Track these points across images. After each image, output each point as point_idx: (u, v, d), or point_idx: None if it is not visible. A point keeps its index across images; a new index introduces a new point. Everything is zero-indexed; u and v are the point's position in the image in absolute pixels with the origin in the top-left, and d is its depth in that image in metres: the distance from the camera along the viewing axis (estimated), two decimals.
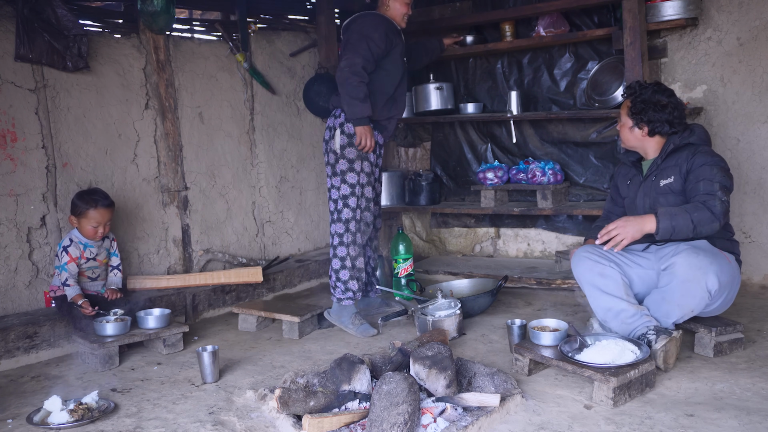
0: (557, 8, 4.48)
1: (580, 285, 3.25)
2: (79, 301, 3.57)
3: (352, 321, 3.83)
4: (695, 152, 3.12)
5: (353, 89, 3.72)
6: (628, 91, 3.32)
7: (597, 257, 3.18)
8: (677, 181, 3.13)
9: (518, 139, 5.00)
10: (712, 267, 2.91)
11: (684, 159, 3.14)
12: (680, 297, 2.96)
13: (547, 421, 2.58)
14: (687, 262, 2.93)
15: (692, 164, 3.10)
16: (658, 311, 3.05)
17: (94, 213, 3.67)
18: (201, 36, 4.71)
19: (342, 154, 3.85)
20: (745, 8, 4.13)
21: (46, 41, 3.81)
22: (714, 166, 3.05)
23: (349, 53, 3.76)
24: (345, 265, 3.89)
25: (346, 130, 3.84)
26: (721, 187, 2.99)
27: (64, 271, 3.63)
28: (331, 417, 2.52)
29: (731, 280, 3.07)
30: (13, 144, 3.76)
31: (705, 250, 3.01)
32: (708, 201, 2.96)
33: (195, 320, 4.23)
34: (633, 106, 3.24)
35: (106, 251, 3.86)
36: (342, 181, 3.87)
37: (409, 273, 4.53)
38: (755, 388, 2.78)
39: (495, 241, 5.36)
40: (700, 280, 2.91)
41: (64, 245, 3.67)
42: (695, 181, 3.05)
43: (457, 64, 5.30)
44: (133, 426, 2.73)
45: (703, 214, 2.93)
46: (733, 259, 3.14)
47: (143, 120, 4.33)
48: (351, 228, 3.87)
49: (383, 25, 3.87)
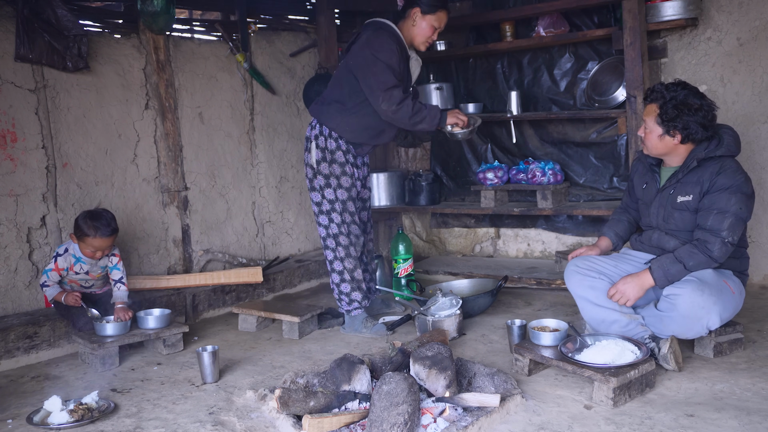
0: (557, 8, 4.48)
1: (574, 298, 3.25)
2: (62, 297, 3.55)
3: (364, 325, 3.81)
4: (720, 170, 2.92)
5: (412, 115, 3.49)
6: (654, 95, 3.00)
7: (586, 270, 3.19)
8: (695, 199, 2.97)
9: (518, 139, 5.00)
10: (715, 307, 2.85)
11: (707, 176, 2.94)
12: (678, 328, 2.95)
13: (547, 421, 2.58)
14: (690, 300, 2.84)
15: (713, 185, 2.92)
16: (653, 326, 3.05)
17: (93, 241, 3.54)
18: (201, 36, 4.71)
19: (318, 169, 3.68)
20: (745, 8, 4.13)
21: (46, 41, 3.81)
22: (734, 194, 2.88)
23: (378, 86, 3.46)
24: (344, 278, 3.79)
25: (320, 144, 3.66)
26: (732, 223, 2.86)
27: (45, 275, 3.60)
28: (331, 417, 2.52)
29: (734, 310, 3.02)
30: (13, 144, 3.76)
31: (711, 286, 2.88)
32: (708, 242, 2.87)
33: (195, 320, 4.23)
34: (663, 111, 2.95)
35: (102, 268, 3.73)
36: (322, 196, 3.71)
37: (409, 273, 4.53)
38: (755, 388, 2.78)
39: (495, 242, 5.36)
40: (702, 319, 2.87)
41: (58, 252, 3.60)
42: (708, 208, 2.92)
43: (457, 64, 5.30)
44: (133, 426, 2.73)
45: (698, 258, 2.89)
46: (738, 286, 3.05)
47: (143, 120, 4.33)
48: (342, 242, 3.74)
49: (398, 53, 3.53)
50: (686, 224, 3.04)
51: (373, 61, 3.47)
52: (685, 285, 2.88)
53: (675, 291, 2.90)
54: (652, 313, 3.03)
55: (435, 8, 3.62)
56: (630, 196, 3.47)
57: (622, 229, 3.46)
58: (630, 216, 3.48)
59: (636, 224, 3.46)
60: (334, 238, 3.75)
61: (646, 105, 3.07)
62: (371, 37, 3.53)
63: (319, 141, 3.67)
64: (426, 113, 3.56)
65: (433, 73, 5.26)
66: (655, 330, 3.02)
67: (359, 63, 3.53)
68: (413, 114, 3.51)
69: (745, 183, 2.93)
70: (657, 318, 3.00)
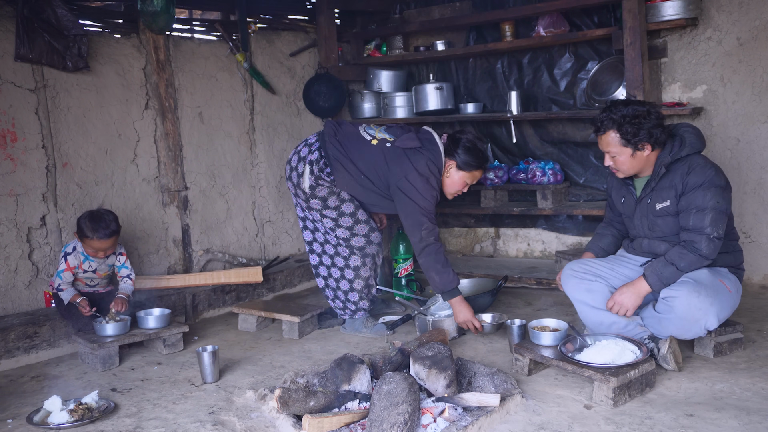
0: (557, 8, 4.48)
1: (572, 302, 3.26)
2: (78, 299, 3.56)
3: (365, 325, 3.81)
4: (689, 170, 2.95)
5: (439, 257, 3.46)
6: (604, 125, 2.98)
7: (582, 273, 3.20)
8: (673, 203, 2.99)
9: (518, 139, 5.00)
10: (712, 308, 2.86)
11: (679, 179, 2.96)
12: (676, 329, 2.95)
13: (547, 421, 2.58)
14: (687, 302, 2.85)
15: (686, 185, 2.94)
16: (651, 327, 3.05)
17: (93, 243, 3.57)
18: (201, 36, 4.71)
19: (312, 193, 3.57)
20: (745, 8, 4.13)
21: (46, 41, 3.81)
22: (708, 189, 2.89)
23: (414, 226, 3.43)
24: (354, 287, 3.73)
25: (315, 172, 3.52)
26: (713, 218, 2.86)
27: (58, 277, 3.61)
28: (331, 417, 2.52)
29: (732, 308, 3.02)
30: (13, 144, 3.76)
31: (707, 287, 2.89)
32: (695, 242, 2.88)
33: (195, 320, 4.23)
34: (623, 132, 2.94)
35: (109, 267, 3.78)
36: (331, 222, 3.63)
37: (409, 273, 4.53)
38: (755, 388, 2.78)
39: (495, 241, 5.36)
40: (699, 321, 2.88)
41: (66, 251, 3.63)
42: (687, 209, 2.93)
43: (457, 64, 5.29)
44: (133, 426, 2.73)
45: (688, 259, 2.89)
46: (734, 283, 3.05)
47: (143, 120, 4.33)
48: (368, 251, 3.68)
49: (438, 188, 3.51)
50: (671, 229, 3.05)
51: (413, 206, 3.43)
52: (681, 287, 2.88)
53: (671, 293, 2.90)
54: (650, 315, 3.03)
55: (471, 167, 3.58)
56: (612, 210, 3.46)
57: (607, 244, 3.46)
58: (614, 230, 3.47)
59: (621, 238, 3.46)
60: (361, 251, 3.68)
61: (600, 137, 3.04)
62: (419, 176, 3.43)
63: (314, 169, 3.54)
64: (441, 277, 3.47)
65: (433, 73, 5.26)
66: (654, 331, 3.02)
67: (400, 189, 3.45)
68: (434, 262, 3.45)
69: (717, 176, 2.93)
70: (655, 319, 3.00)
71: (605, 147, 3.04)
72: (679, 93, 4.38)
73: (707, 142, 4.28)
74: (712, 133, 4.29)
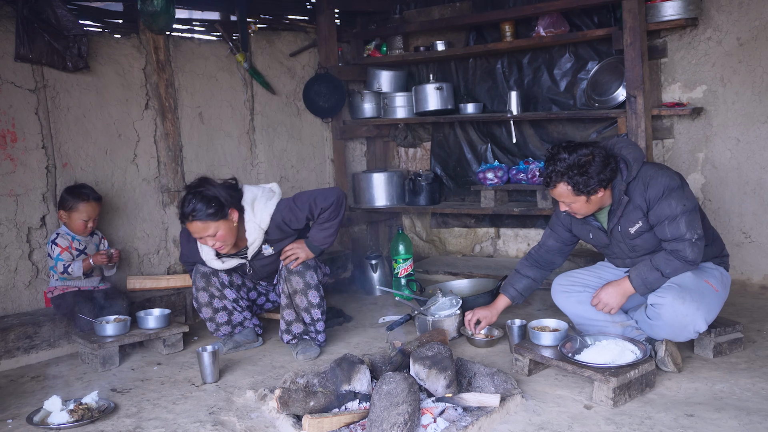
0: (557, 8, 4.48)
1: (568, 316, 3.30)
2: (90, 258, 3.71)
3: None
4: (646, 185, 2.90)
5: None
6: (553, 179, 2.88)
7: (569, 286, 3.24)
8: (645, 221, 2.94)
9: (518, 139, 5.00)
10: (699, 312, 2.84)
11: (640, 198, 2.92)
12: (667, 334, 2.95)
13: (547, 421, 2.58)
14: (673, 309, 2.84)
15: (649, 201, 2.90)
16: (646, 331, 3.05)
17: (85, 206, 3.70)
18: (201, 36, 4.71)
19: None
20: (745, 8, 4.13)
21: (46, 41, 3.81)
22: (669, 197, 2.86)
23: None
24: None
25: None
26: (688, 221, 2.84)
27: (60, 261, 3.66)
28: (331, 417, 2.52)
29: (720, 306, 3.02)
30: (13, 144, 3.76)
31: (691, 291, 2.87)
32: (679, 250, 2.86)
33: (195, 320, 4.22)
34: (574, 184, 2.85)
35: (96, 246, 3.88)
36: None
37: (409, 273, 4.53)
38: (755, 388, 2.78)
39: (495, 241, 5.36)
40: (687, 326, 2.87)
41: (52, 239, 3.71)
42: (659, 222, 2.89)
43: (457, 64, 5.29)
44: (133, 426, 2.73)
45: (674, 265, 2.88)
46: (719, 280, 3.03)
47: (143, 120, 4.33)
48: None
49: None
50: (652, 243, 3.02)
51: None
52: (667, 294, 2.86)
53: (657, 301, 2.89)
54: (643, 319, 3.03)
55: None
56: (557, 240, 3.32)
57: (523, 287, 3.38)
58: (536, 272, 3.38)
59: (542, 281, 3.41)
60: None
61: (551, 191, 2.96)
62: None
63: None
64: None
65: (433, 73, 5.26)
66: (649, 334, 3.03)
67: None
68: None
69: (671, 179, 2.90)
70: (647, 324, 3.00)
71: (558, 198, 2.98)
72: (679, 93, 4.38)
73: (707, 142, 4.33)
74: (712, 133, 4.29)
